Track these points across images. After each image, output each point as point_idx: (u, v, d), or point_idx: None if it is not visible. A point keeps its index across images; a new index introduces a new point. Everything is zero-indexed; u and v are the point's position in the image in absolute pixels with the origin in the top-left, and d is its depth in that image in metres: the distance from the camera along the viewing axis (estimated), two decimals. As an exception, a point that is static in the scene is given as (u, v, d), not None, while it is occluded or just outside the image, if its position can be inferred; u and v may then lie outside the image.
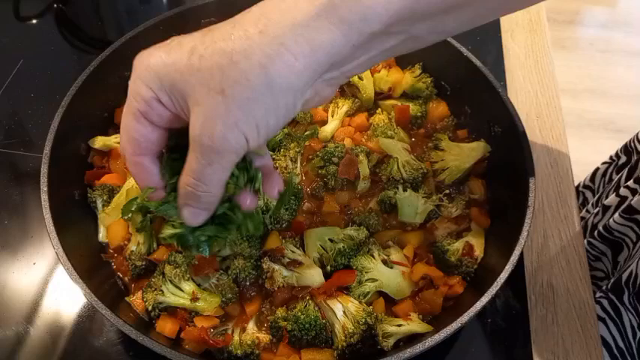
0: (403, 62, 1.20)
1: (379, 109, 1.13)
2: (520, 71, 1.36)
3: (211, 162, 0.56)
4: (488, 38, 1.41)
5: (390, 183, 1.03)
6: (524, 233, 0.87)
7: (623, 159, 1.41)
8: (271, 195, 0.72)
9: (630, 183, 1.25)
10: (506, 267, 0.84)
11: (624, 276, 1.10)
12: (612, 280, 1.14)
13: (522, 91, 1.32)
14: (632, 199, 1.18)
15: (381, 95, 1.17)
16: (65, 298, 0.98)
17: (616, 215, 1.21)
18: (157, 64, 0.55)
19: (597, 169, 1.52)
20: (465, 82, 1.11)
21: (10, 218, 1.09)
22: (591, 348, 0.95)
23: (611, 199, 1.30)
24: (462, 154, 1.05)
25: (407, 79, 1.16)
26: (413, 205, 0.98)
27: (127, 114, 0.59)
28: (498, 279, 0.83)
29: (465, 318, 0.80)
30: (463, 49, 1.10)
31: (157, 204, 0.67)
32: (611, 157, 1.49)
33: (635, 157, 1.33)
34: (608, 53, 3.58)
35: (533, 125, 1.25)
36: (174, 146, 0.64)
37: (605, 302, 1.11)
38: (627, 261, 1.14)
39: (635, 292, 1.06)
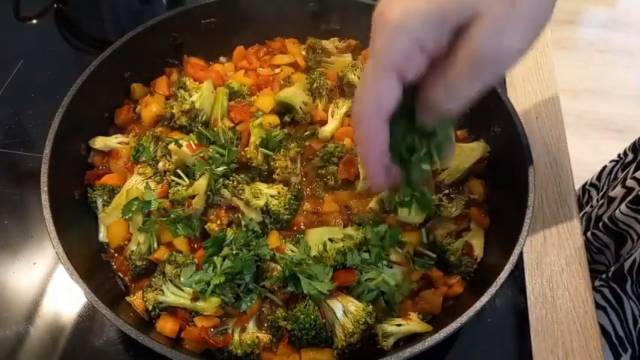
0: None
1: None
2: (520, 71, 1.36)
3: (481, 75, 0.55)
4: (488, 38, 1.41)
5: (390, 183, 1.03)
6: (524, 233, 0.87)
7: (630, 157, 1.41)
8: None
9: (638, 174, 1.24)
10: (506, 267, 0.84)
11: (626, 265, 1.09)
12: (613, 269, 1.13)
13: (522, 91, 1.32)
14: (639, 190, 1.18)
15: (381, 95, 1.17)
16: (65, 298, 0.98)
17: (622, 206, 1.21)
18: (420, 3, 0.53)
19: (605, 167, 1.52)
20: (465, 82, 1.11)
21: (10, 218, 1.09)
22: (591, 348, 0.95)
23: (617, 191, 1.30)
24: (461, 154, 1.05)
25: (407, 79, 1.16)
26: (413, 205, 0.98)
27: (376, 74, 0.56)
28: (498, 279, 0.83)
29: (464, 318, 0.80)
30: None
31: None
32: (619, 155, 1.49)
33: None
34: (607, 53, 3.58)
35: (533, 125, 1.25)
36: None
37: (606, 291, 1.11)
38: (631, 252, 1.14)
39: (639, 280, 1.06)
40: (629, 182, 1.26)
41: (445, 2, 0.53)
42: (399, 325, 0.87)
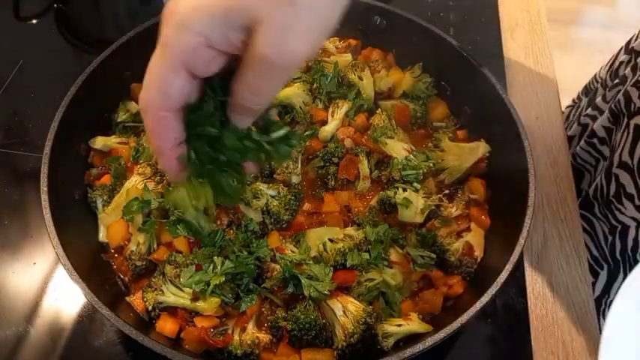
0: (403, 62, 1.20)
1: (379, 109, 1.13)
2: (520, 71, 1.36)
3: (273, 78, 0.56)
4: (489, 38, 1.41)
5: (390, 183, 1.03)
6: (524, 233, 0.87)
7: (584, 100, 1.49)
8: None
9: (589, 111, 1.33)
10: (506, 267, 0.84)
11: (591, 191, 1.18)
12: (580, 200, 1.21)
13: (522, 91, 1.32)
14: (592, 125, 1.27)
15: (381, 95, 1.17)
16: (65, 298, 0.98)
17: (582, 142, 1.29)
18: (205, 1, 0.52)
19: (561, 113, 1.58)
20: (465, 82, 1.11)
21: (10, 218, 1.09)
22: (591, 348, 0.95)
23: (574, 129, 1.39)
24: (461, 154, 1.05)
25: (407, 79, 1.16)
26: (413, 205, 0.98)
27: (162, 67, 0.55)
28: (498, 279, 0.83)
29: (464, 318, 0.80)
30: (463, 49, 1.10)
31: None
32: (573, 100, 1.57)
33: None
34: (607, 53, 3.57)
35: (533, 125, 1.25)
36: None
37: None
38: (591, 185, 1.24)
39: (604, 201, 1.14)
40: (583, 119, 1.35)
41: (228, 5, 0.52)
42: (399, 325, 0.87)
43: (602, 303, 1.19)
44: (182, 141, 0.61)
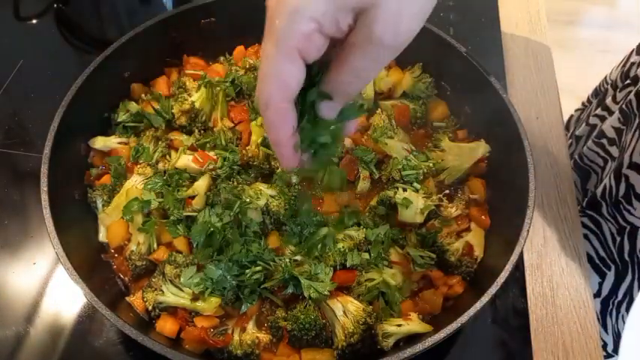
0: (403, 62, 1.20)
1: (379, 109, 1.13)
2: (520, 71, 1.36)
3: (382, 59, 0.56)
4: (489, 38, 1.41)
5: (390, 183, 1.03)
6: (524, 233, 0.87)
7: (594, 103, 1.49)
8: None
9: (598, 111, 1.33)
10: (506, 267, 0.84)
11: (598, 192, 1.17)
12: (586, 200, 1.22)
13: (522, 91, 1.32)
14: (601, 125, 1.27)
15: (381, 95, 1.17)
16: (65, 298, 0.98)
17: (589, 142, 1.29)
18: None
19: (571, 116, 1.60)
20: (465, 82, 1.11)
21: (10, 218, 1.09)
22: (591, 348, 0.95)
23: (582, 129, 1.39)
24: (461, 154, 1.05)
25: (407, 79, 1.16)
26: (413, 205, 0.98)
27: (277, 58, 0.55)
28: (498, 279, 0.83)
29: (464, 318, 0.80)
30: (463, 49, 1.10)
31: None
32: (583, 103, 1.57)
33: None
34: (607, 53, 3.57)
35: (533, 125, 1.25)
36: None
37: (585, 220, 1.18)
38: (597, 185, 1.23)
39: (612, 202, 1.14)
40: (592, 120, 1.36)
41: None
42: (399, 325, 0.87)
43: (610, 304, 1.18)
44: (296, 129, 0.62)
